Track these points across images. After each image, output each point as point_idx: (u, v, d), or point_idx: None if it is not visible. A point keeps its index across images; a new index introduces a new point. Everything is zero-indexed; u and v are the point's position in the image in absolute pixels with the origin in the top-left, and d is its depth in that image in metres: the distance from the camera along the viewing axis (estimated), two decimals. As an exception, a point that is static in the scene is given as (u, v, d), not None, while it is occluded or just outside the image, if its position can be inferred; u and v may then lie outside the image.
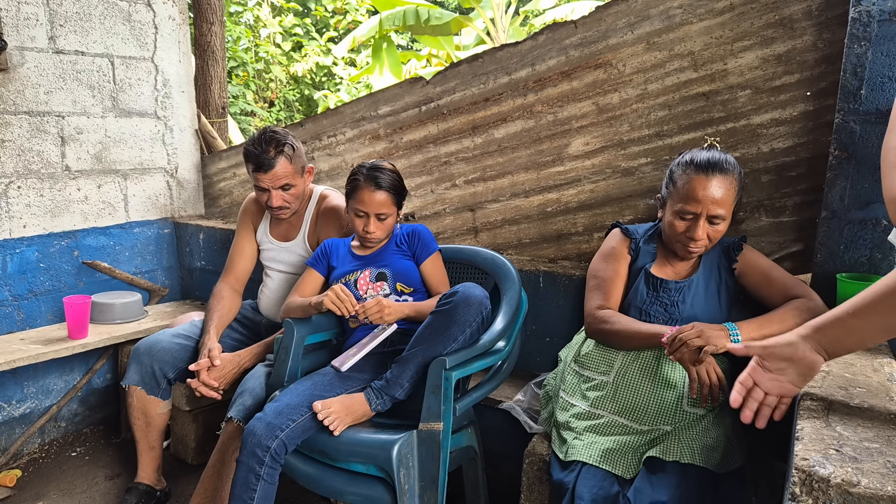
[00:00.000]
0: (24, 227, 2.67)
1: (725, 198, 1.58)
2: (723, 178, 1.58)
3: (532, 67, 2.30)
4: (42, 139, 2.69)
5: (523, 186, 2.39)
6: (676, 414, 1.55)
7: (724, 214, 1.60)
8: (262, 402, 1.86)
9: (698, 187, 1.58)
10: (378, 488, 1.61)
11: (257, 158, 2.10)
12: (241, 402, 1.90)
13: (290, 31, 11.37)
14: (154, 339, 2.18)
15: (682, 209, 1.62)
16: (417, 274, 2.01)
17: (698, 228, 1.60)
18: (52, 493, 2.42)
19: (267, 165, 2.10)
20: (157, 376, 2.11)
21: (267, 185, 2.14)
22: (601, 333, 1.70)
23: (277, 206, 2.18)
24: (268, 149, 2.10)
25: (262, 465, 1.60)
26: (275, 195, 2.16)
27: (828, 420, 1.04)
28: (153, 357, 2.11)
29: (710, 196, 1.57)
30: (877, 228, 1.66)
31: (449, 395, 1.64)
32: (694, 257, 1.70)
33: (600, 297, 1.75)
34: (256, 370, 2.03)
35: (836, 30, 1.76)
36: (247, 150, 2.15)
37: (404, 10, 8.15)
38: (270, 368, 2.01)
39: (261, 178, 2.13)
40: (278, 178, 2.13)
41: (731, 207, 1.62)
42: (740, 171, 1.64)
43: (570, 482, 1.47)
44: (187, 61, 3.21)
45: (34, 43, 2.61)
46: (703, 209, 1.58)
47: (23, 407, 2.73)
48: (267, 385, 1.95)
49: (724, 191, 1.58)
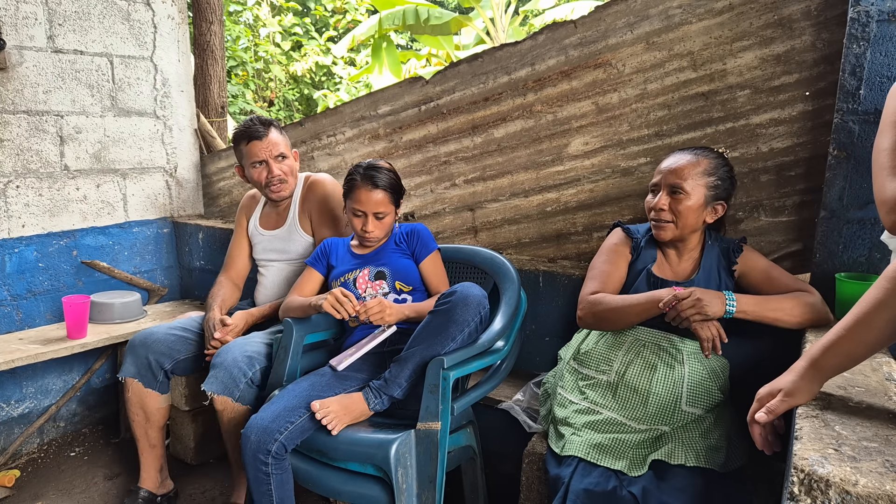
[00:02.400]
0: (22, 227, 2.67)
1: (686, 171, 1.65)
2: (688, 156, 1.68)
3: (532, 67, 2.30)
4: (41, 138, 2.69)
5: (523, 186, 2.39)
6: (675, 414, 1.55)
7: (685, 187, 1.64)
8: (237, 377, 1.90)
9: (664, 162, 1.72)
10: (376, 488, 1.61)
11: (249, 130, 2.18)
12: (213, 374, 1.92)
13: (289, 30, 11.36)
14: (149, 330, 2.18)
15: (651, 184, 1.74)
16: (416, 273, 2.01)
17: (659, 198, 1.68)
18: (51, 493, 2.42)
19: (261, 133, 2.17)
20: (154, 368, 2.10)
21: (264, 154, 2.18)
22: (595, 315, 1.69)
23: (277, 175, 2.21)
24: (257, 123, 2.19)
25: (267, 465, 1.62)
26: (273, 164, 2.20)
27: (826, 419, 1.04)
28: (148, 348, 2.10)
29: (669, 166, 1.68)
30: (875, 228, 1.66)
31: (447, 394, 1.64)
32: (664, 238, 1.71)
33: (597, 284, 1.76)
34: (233, 344, 2.02)
35: (834, 30, 1.76)
36: (237, 131, 2.22)
37: (404, 10, 8.15)
38: (263, 341, 2.03)
39: (257, 148, 2.17)
40: (273, 143, 2.19)
41: (694, 184, 1.64)
42: (720, 165, 1.68)
43: (565, 476, 1.47)
44: (186, 61, 3.21)
45: (33, 42, 2.61)
46: (662, 179, 1.69)
47: (21, 407, 2.73)
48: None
49: (687, 164, 1.66)
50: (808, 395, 1.09)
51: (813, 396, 1.10)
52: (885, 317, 0.99)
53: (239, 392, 1.90)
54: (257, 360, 1.94)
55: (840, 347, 1.05)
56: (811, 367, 1.09)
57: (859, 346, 1.04)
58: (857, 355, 1.06)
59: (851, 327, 1.04)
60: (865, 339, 1.03)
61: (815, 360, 1.09)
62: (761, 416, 1.11)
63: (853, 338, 1.04)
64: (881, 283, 1.01)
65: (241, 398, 1.91)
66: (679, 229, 1.68)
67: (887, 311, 0.99)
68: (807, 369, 1.10)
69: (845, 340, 1.05)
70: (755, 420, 1.13)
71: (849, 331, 1.04)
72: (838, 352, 1.06)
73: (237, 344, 1.99)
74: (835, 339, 1.06)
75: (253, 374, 1.91)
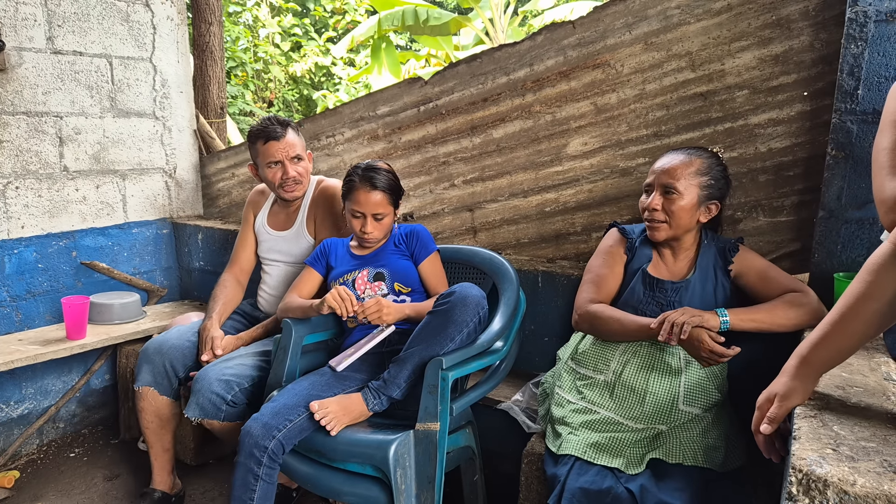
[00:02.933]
0: (22, 228, 2.67)
1: (679, 171, 1.65)
2: (682, 156, 1.69)
3: (530, 68, 2.30)
4: (40, 139, 2.69)
5: (522, 186, 2.39)
6: (672, 413, 1.55)
7: (678, 187, 1.65)
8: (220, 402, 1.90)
9: (658, 162, 1.73)
10: (374, 488, 1.61)
11: (267, 130, 2.17)
12: (194, 400, 1.92)
13: (288, 31, 11.36)
14: (163, 338, 2.18)
15: (645, 184, 1.75)
16: (415, 274, 2.01)
17: (652, 198, 1.68)
18: (51, 494, 2.42)
19: (278, 134, 2.16)
20: (169, 374, 2.10)
21: (281, 155, 2.17)
22: (591, 327, 1.72)
23: (292, 176, 2.20)
24: (275, 123, 2.18)
25: (261, 465, 1.60)
26: (289, 165, 2.19)
27: (825, 420, 1.04)
28: (164, 355, 2.10)
29: (662, 166, 1.69)
30: (874, 228, 1.66)
31: (446, 395, 1.64)
32: (658, 238, 1.72)
33: (593, 290, 1.78)
34: (210, 367, 2.00)
35: (833, 30, 1.76)
36: (253, 129, 2.21)
37: (403, 11, 8.15)
38: (244, 362, 2.02)
39: (273, 148, 2.17)
40: (291, 145, 2.18)
41: (687, 184, 1.65)
42: (713, 164, 1.68)
43: (562, 475, 1.48)
44: (186, 61, 3.21)
45: (32, 43, 2.61)
46: (655, 179, 1.69)
47: (21, 408, 2.73)
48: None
49: (680, 164, 1.66)
50: (803, 395, 1.10)
51: (809, 395, 1.10)
52: (871, 308, 1.00)
53: (223, 413, 1.91)
54: (236, 382, 1.93)
55: (828, 342, 1.06)
56: (802, 365, 1.10)
57: (847, 338, 1.05)
58: (846, 348, 1.07)
59: (838, 321, 1.04)
60: (853, 332, 1.03)
61: (804, 356, 1.09)
62: (766, 429, 1.11)
63: (841, 331, 1.04)
64: (863, 275, 1.02)
65: (229, 417, 1.92)
66: (673, 229, 1.68)
67: (872, 303, 1.00)
68: (798, 367, 1.10)
69: (833, 335, 1.05)
70: (760, 431, 1.13)
71: (835, 325, 1.05)
72: (828, 346, 1.06)
73: (216, 367, 1.97)
74: (822, 334, 1.07)
75: (232, 396, 1.91)
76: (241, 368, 1.98)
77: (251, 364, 2.01)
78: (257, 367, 2.01)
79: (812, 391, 1.11)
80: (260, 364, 2.03)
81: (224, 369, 1.96)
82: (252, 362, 2.02)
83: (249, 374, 1.98)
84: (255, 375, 1.99)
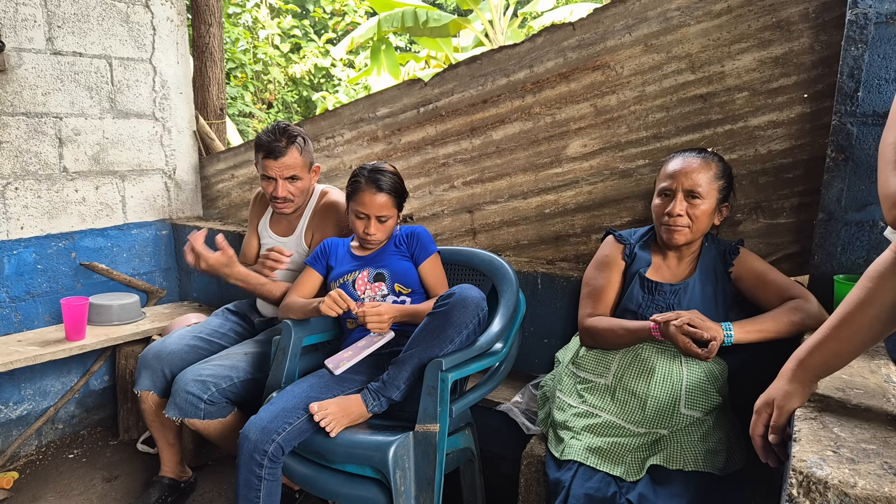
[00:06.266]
0: (21, 229, 2.67)
1: (701, 175, 1.65)
2: (699, 159, 1.68)
3: (530, 69, 2.30)
4: (40, 140, 2.69)
5: (521, 188, 2.39)
6: (673, 417, 1.55)
7: (701, 192, 1.65)
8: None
9: (674, 165, 1.70)
10: (374, 490, 1.61)
11: (269, 145, 2.14)
12: (172, 401, 1.95)
13: (288, 32, 11.38)
14: (160, 344, 2.19)
15: (661, 188, 1.72)
16: (416, 275, 2.01)
17: (676, 203, 1.67)
18: (50, 495, 2.42)
19: (278, 152, 2.13)
20: (168, 379, 2.11)
21: (274, 173, 2.16)
22: (594, 341, 1.73)
23: (282, 196, 2.19)
24: (280, 138, 2.14)
25: (262, 467, 1.61)
26: (281, 185, 2.17)
27: (825, 421, 1.04)
28: (162, 361, 2.11)
29: (684, 170, 1.67)
30: (874, 230, 1.66)
31: (445, 396, 1.64)
32: (679, 242, 1.70)
33: (591, 304, 1.79)
34: (188, 370, 2.01)
35: (832, 32, 1.76)
36: (259, 138, 2.18)
37: (403, 12, 8.16)
38: (223, 363, 2.04)
39: (270, 166, 2.15)
40: (287, 167, 2.16)
41: (709, 188, 1.65)
42: (725, 168, 1.70)
43: (566, 481, 1.47)
44: (185, 63, 3.21)
45: (32, 44, 2.61)
46: (677, 184, 1.67)
47: (20, 409, 2.72)
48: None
49: (700, 168, 1.66)
50: (801, 398, 1.10)
51: (806, 398, 1.10)
52: (870, 314, 1.01)
53: (202, 412, 1.93)
54: (212, 382, 1.95)
55: (826, 346, 1.06)
56: (799, 368, 1.10)
57: (845, 344, 1.05)
58: (844, 353, 1.07)
59: (836, 326, 1.05)
60: (851, 338, 1.04)
61: (801, 360, 1.09)
62: (773, 438, 1.11)
63: (838, 336, 1.05)
64: (863, 282, 1.02)
65: (209, 415, 1.94)
66: (693, 233, 1.69)
67: (871, 310, 1.00)
68: (795, 370, 1.10)
69: (831, 339, 1.05)
70: (758, 435, 1.13)
71: (833, 330, 1.05)
72: (825, 351, 1.06)
73: (192, 369, 2.00)
74: (821, 338, 1.07)
75: (209, 395, 1.92)
76: (218, 369, 2.00)
77: (230, 364, 2.03)
78: (236, 367, 2.03)
79: (809, 394, 1.11)
80: (240, 363, 2.05)
81: (201, 370, 1.99)
82: (231, 362, 2.04)
83: (228, 374, 1.99)
84: (236, 375, 2.01)
